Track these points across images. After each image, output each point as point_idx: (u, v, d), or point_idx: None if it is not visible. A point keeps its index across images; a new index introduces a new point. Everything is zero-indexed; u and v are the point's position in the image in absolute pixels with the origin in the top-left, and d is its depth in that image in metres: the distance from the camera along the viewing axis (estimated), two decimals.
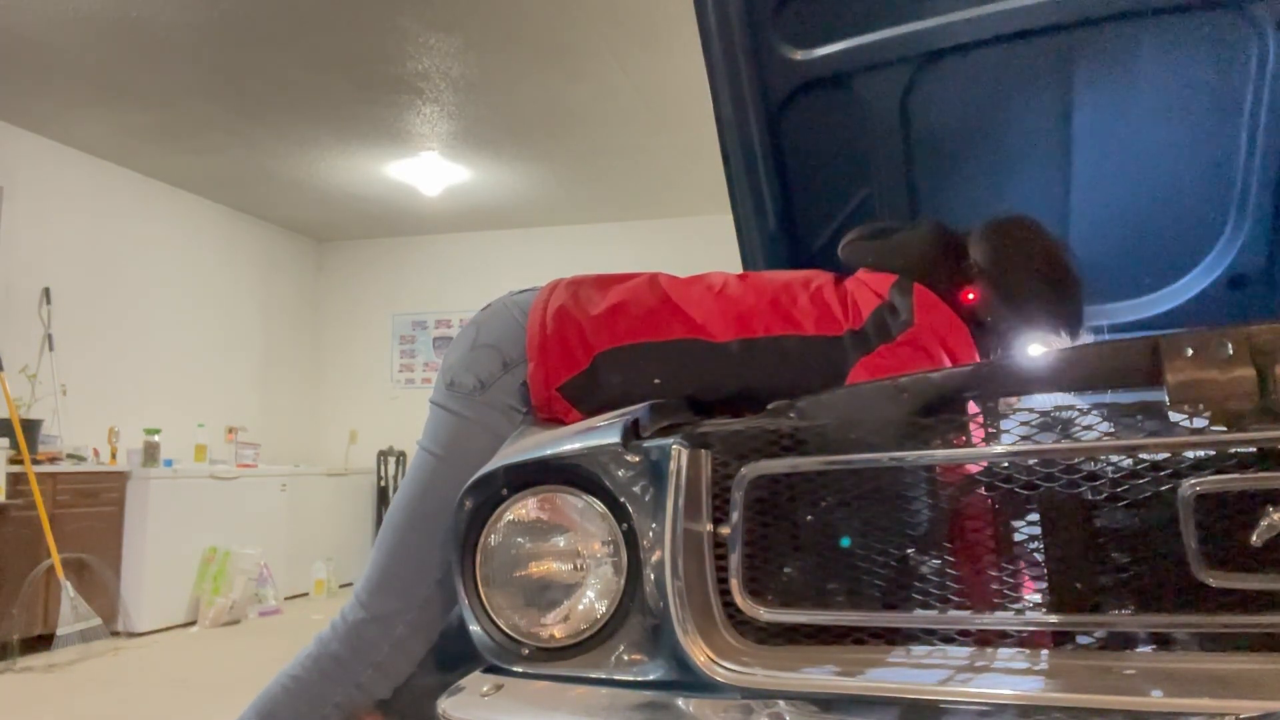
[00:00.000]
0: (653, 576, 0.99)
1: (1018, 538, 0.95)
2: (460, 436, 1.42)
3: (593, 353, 1.39)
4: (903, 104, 1.88)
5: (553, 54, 4.16)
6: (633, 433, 1.07)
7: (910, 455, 0.95)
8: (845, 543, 0.99)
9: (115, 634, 4.65)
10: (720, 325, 1.41)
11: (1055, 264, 1.48)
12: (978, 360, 1.41)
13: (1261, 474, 0.84)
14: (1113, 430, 0.91)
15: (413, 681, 1.42)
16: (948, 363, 1.36)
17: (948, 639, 0.93)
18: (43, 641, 4.26)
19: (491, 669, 1.06)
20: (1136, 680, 0.83)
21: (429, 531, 1.35)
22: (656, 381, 1.37)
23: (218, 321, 6.46)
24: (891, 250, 1.52)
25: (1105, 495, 0.90)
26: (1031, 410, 0.94)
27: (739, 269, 1.97)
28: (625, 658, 1.00)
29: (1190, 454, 0.87)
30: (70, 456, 4.78)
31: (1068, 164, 1.90)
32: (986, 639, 0.92)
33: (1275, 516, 0.82)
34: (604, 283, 1.51)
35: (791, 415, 1.01)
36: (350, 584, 6.51)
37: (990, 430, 0.95)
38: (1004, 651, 0.91)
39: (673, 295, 1.45)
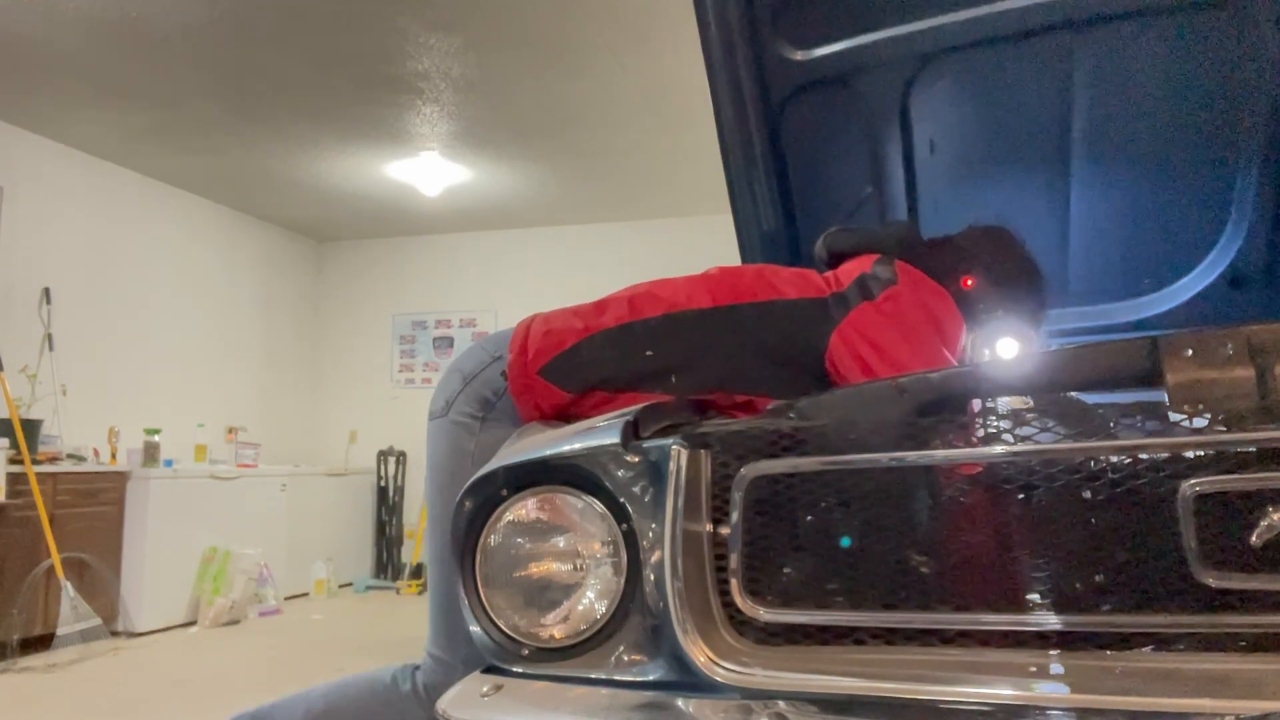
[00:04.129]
0: (652, 577, 0.99)
1: (1018, 538, 0.95)
2: (441, 456, 1.50)
3: (578, 336, 1.45)
4: (903, 104, 1.88)
5: (553, 54, 4.16)
6: (632, 433, 1.07)
7: (910, 455, 0.95)
8: (845, 543, 0.99)
9: (115, 634, 4.65)
10: (706, 299, 1.47)
11: (1031, 263, 1.59)
12: (962, 324, 1.49)
13: (1261, 474, 0.84)
14: (1113, 430, 0.91)
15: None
16: (931, 324, 1.42)
17: (948, 639, 0.93)
18: (43, 641, 4.26)
19: (491, 669, 1.06)
20: (1136, 680, 0.83)
21: None
22: (649, 354, 1.41)
23: (218, 321, 6.47)
24: (874, 235, 1.60)
25: (1105, 495, 0.90)
26: (1032, 410, 0.94)
27: None
28: (625, 658, 1.00)
29: (1190, 454, 0.87)
30: (70, 456, 4.78)
31: (1068, 164, 1.90)
32: (986, 639, 0.92)
33: (1275, 516, 0.81)
34: (585, 304, 1.58)
35: (791, 415, 1.01)
36: (350, 584, 6.52)
37: (990, 430, 0.95)
38: (1004, 651, 0.91)
39: (655, 289, 1.52)
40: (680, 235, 6.53)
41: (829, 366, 1.41)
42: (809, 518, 1.01)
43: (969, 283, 1.51)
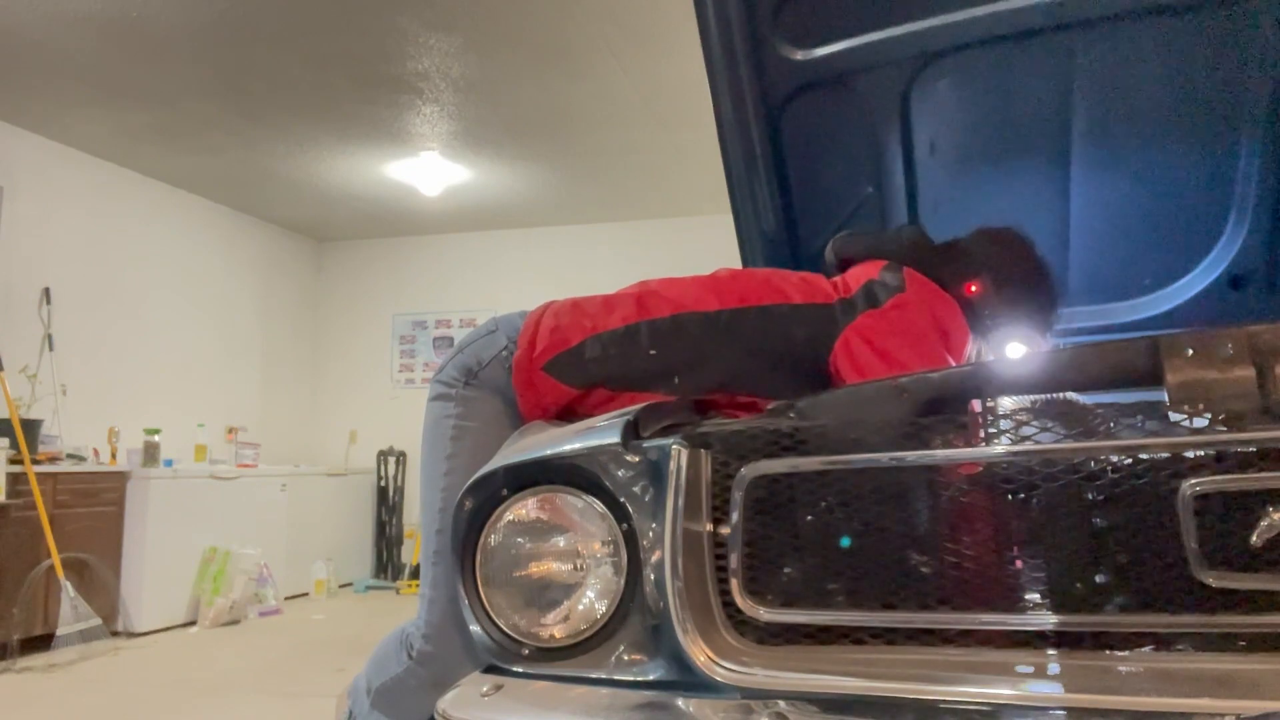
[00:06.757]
0: (653, 576, 0.99)
1: (1018, 538, 0.95)
2: (427, 427, 1.55)
3: (584, 334, 1.45)
4: (903, 104, 1.88)
5: (553, 54, 4.16)
6: (633, 432, 1.07)
7: (910, 455, 0.95)
8: (845, 543, 0.99)
9: (115, 634, 4.65)
10: (713, 301, 1.47)
11: (1041, 268, 1.58)
12: (968, 334, 1.48)
13: (1261, 474, 0.84)
14: (1113, 430, 0.91)
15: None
16: (937, 333, 1.42)
17: (948, 639, 0.93)
18: (43, 641, 4.26)
19: (491, 669, 1.06)
20: (1136, 680, 0.83)
21: None
22: (652, 353, 1.41)
23: (218, 321, 6.46)
24: (883, 240, 1.59)
25: (1105, 495, 0.90)
26: (1032, 410, 0.94)
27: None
28: (625, 658, 1.00)
29: (1190, 454, 0.87)
30: (70, 456, 4.77)
31: (1068, 164, 1.90)
32: (987, 639, 0.92)
33: (1275, 516, 0.81)
34: (596, 297, 1.57)
35: (791, 415, 1.01)
36: (350, 584, 6.52)
37: (990, 430, 0.95)
38: (1004, 651, 0.91)
39: (663, 290, 1.51)
40: (680, 235, 6.52)
41: (833, 371, 1.41)
42: (809, 518, 1.01)
43: (974, 289, 1.51)
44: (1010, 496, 0.94)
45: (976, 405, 0.97)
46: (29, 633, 4.25)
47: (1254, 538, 0.82)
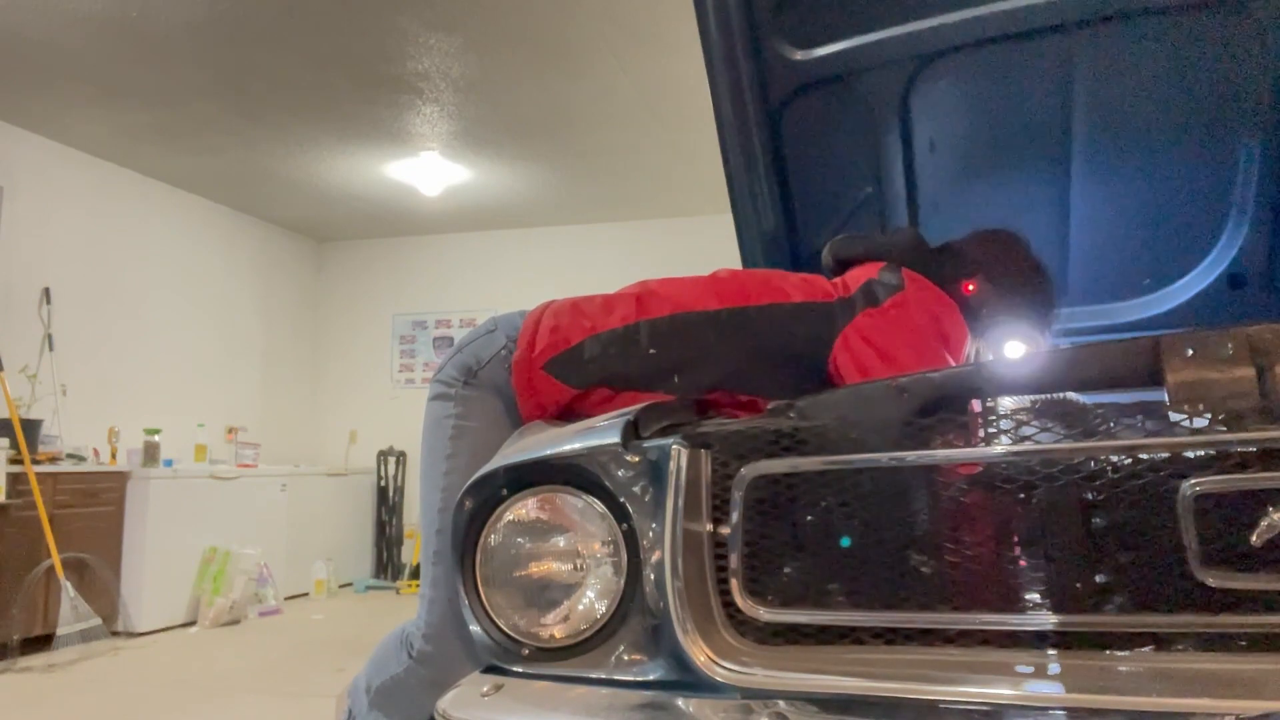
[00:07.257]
0: (653, 576, 0.99)
1: (1018, 538, 0.95)
2: (426, 428, 1.56)
3: (584, 334, 1.46)
4: (903, 104, 1.88)
5: (553, 54, 4.16)
6: (633, 432, 1.07)
7: (910, 455, 0.95)
8: (845, 543, 0.99)
9: (115, 634, 4.65)
10: (712, 301, 1.47)
11: (1038, 267, 1.59)
12: (967, 334, 1.49)
13: (1261, 474, 0.84)
14: (1113, 430, 0.91)
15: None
16: (937, 332, 1.43)
17: (948, 639, 0.93)
18: (43, 641, 4.26)
19: (491, 669, 1.06)
20: (1136, 680, 0.83)
21: None
22: (652, 352, 1.41)
23: (218, 321, 6.46)
24: (881, 243, 1.60)
25: (1105, 495, 0.90)
26: (1032, 410, 0.94)
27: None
28: (625, 658, 1.00)
29: (1190, 454, 0.87)
30: (70, 456, 4.77)
31: (1068, 163, 1.90)
32: (987, 639, 0.92)
33: (1275, 516, 0.81)
34: (595, 297, 1.58)
35: (791, 415, 1.01)
36: (350, 584, 6.52)
37: (990, 430, 0.95)
38: (1004, 651, 0.91)
39: (662, 290, 1.52)
40: (680, 235, 6.52)
41: (832, 370, 1.41)
42: (809, 518, 1.01)
43: (971, 288, 1.51)
44: (1010, 496, 0.94)
45: (976, 405, 0.97)
46: (29, 633, 4.25)
47: (1254, 538, 0.82)
